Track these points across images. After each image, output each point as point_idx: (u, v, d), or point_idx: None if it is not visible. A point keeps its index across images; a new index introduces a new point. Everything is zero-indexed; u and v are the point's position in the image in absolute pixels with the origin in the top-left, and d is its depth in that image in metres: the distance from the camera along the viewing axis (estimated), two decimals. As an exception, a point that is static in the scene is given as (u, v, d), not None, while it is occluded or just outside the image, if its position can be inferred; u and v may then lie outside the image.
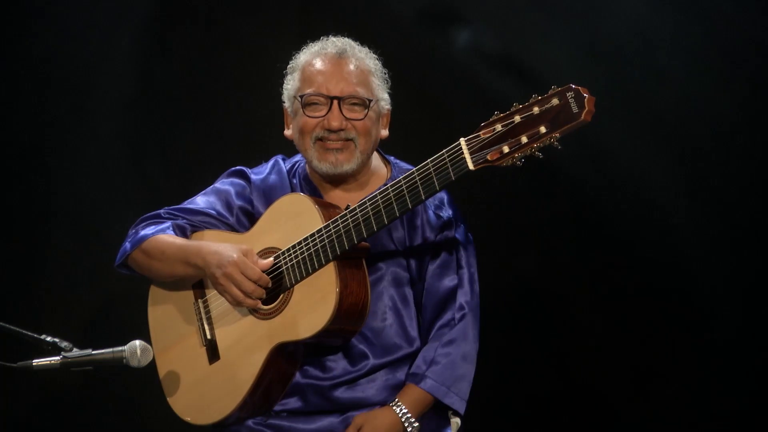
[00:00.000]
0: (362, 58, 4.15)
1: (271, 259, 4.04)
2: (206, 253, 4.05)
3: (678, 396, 5.22)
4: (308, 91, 4.12)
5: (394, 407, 4.06)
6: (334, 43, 4.17)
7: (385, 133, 4.19)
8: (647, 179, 5.23)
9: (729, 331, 5.14)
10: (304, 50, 4.21)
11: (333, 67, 4.13)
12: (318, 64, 4.14)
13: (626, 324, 5.27)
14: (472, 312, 4.13)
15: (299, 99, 4.13)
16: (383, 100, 4.17)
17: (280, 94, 4.23)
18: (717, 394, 5.16)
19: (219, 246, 4.06)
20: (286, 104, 4.22)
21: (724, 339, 5.15)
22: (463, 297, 4.13)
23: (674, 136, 5.19)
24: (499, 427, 5.41)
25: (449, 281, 4.14)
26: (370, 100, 4.11)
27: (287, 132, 4.23)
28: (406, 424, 4.05)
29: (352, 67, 4.13)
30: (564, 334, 5.36)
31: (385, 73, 4.19)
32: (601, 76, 5.21)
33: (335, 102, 4.09)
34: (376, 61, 4.18)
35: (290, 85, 4.19)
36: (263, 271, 4.01)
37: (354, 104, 4.11)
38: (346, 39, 4.20)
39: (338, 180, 4.17)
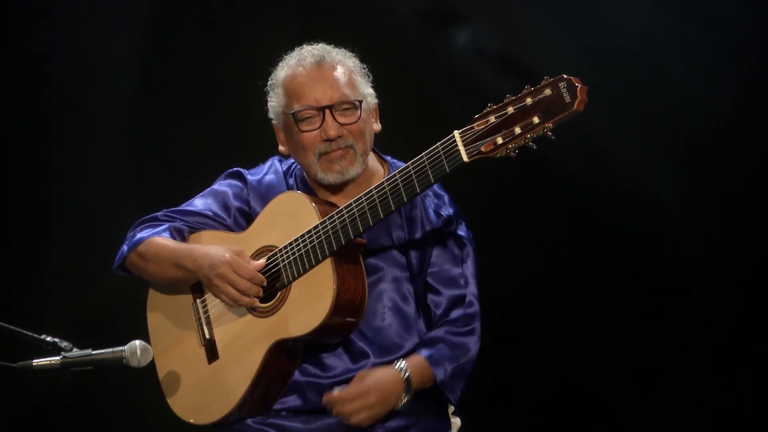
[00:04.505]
0: (341, 60, 4.11)
1: (263, 260, 4.04)
2: (197, 255, 4.05)
3: (678, 394, 5.22)
4: (297, 107, 4.07)
5: (396, 365, 4.01)
6: (310, 52, 4.11)
7: (377, 127, 4.16)
8: (646, 178, 5.24)
9: (729, 329, 5.14)
10: (281, 65, 4.15)
11: (316, 77, 4.07)
12: (300, 76, 4.09)
13: (625, 321, 5.27)
14: (478, 309, 4.12)
15: (291, 116, 4.08)
16: (369, 95, 4.13)
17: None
18: (717, 392, 5.16)
19: (210, 248, 4.05)
20: (275, 121, 4.18)
21: (724, 336, 5.15)
22: (471, 293, 4.11)
23: (673, 135, 5.19)
24: (499, 427, 5.41)
25: (456, 270, 4.12)
26: (360, 101, 4.08)
27: (282, 149, 4.19)
28: (403, 376, 3.98)
29: (334, 72, 4.08)
30: (562, 332, 5.36)
31: (364, 68, 4.14)
32: (601, 75, 5.21)
33: (327, 111, 4.06)
34: (354, 59, 4.14)
35: (275, 101, 4.15)
36: (259, 270, 4.01)
37: (345, 109, 4.07)
38: (320, 44, 4.14)
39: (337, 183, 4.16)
